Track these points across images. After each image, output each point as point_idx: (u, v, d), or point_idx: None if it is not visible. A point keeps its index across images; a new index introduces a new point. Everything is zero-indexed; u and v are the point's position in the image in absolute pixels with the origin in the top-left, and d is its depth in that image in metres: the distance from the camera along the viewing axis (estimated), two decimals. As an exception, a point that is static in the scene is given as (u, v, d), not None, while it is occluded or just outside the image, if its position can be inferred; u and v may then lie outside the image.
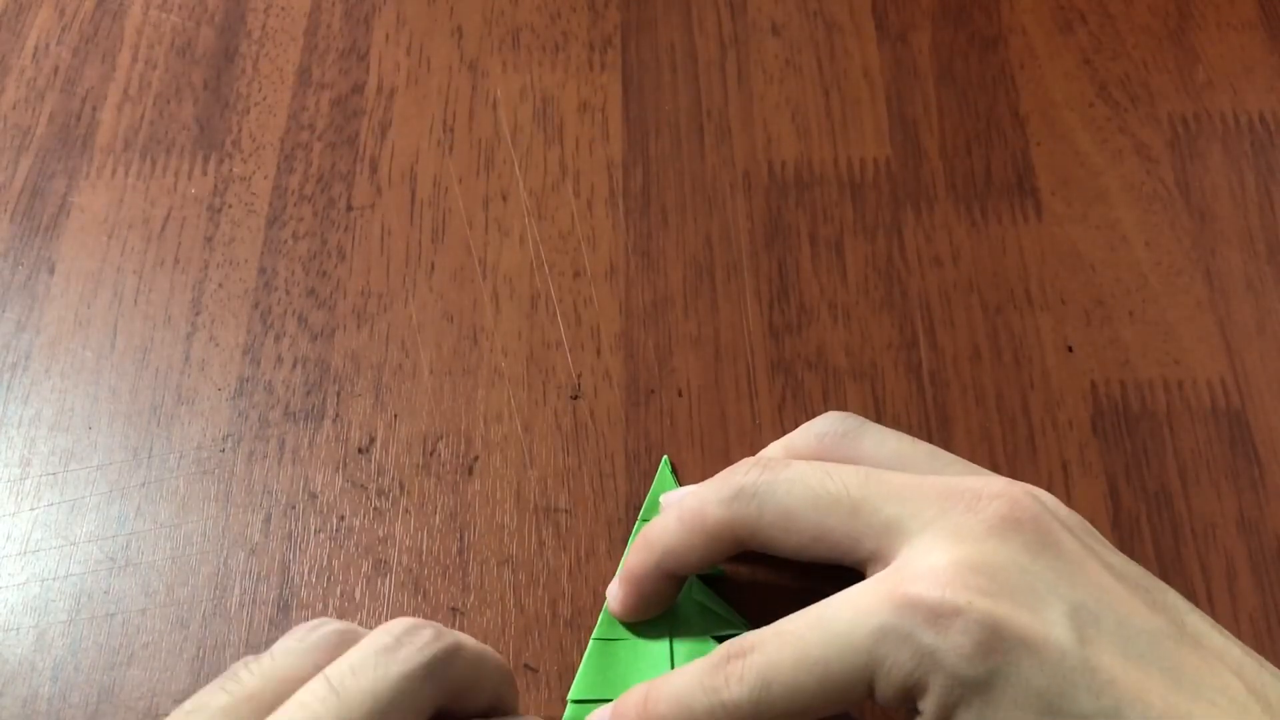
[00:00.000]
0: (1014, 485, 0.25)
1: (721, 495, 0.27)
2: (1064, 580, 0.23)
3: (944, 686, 0.23)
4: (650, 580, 0.29)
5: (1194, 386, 0.34)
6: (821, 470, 0.26)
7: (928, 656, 0.23)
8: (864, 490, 0.25)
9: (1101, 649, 0.22)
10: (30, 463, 0.34)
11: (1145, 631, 0.23)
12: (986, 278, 0.36)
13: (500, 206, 0.38)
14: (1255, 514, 0.32)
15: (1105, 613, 0.23)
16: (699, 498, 0.27)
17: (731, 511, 0.27)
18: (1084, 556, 0.24)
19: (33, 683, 0.31)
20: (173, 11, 0.43)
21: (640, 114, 0.40)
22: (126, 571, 0.33)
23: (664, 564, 0.28)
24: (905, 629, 0.23)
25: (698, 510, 0.27)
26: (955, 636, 0.22)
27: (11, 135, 0.41)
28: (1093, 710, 0.22)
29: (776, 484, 0.26)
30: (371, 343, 0.36)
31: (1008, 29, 0.41)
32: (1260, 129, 0.39)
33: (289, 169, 0.39)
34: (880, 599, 0.23)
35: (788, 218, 0.38)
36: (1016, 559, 0.23)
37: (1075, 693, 0.22)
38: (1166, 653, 0.23)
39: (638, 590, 0.29)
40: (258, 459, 0.34)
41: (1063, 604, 0.23)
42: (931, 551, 0.24)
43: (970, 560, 0.23)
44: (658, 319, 0.36)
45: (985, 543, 0.24)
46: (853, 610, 0.24)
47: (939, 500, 0.25)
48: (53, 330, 0.37)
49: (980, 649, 0.22)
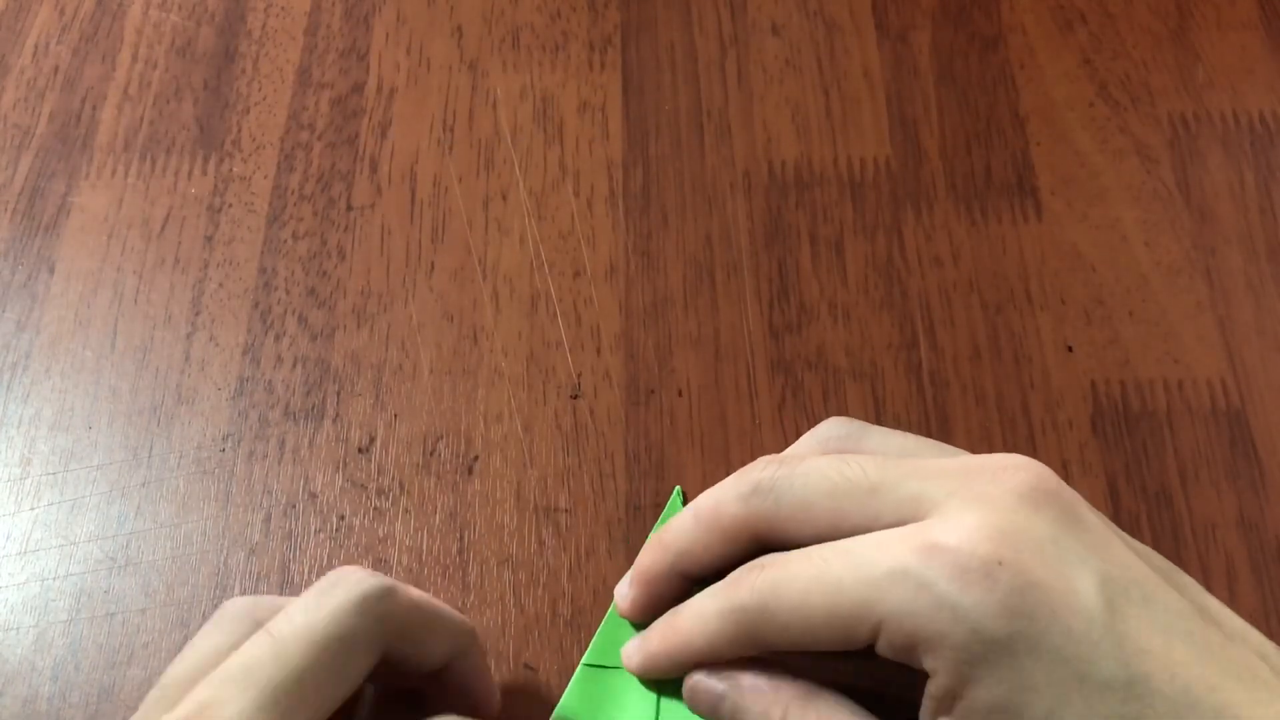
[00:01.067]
0: (1033, 460, 0.25)
1: (739, 491, 0.27)
2: (1093, 552, 0.23)
3: (962, 643, 0.22)
4: (663, 582, 0.28)
5: (1194, 386, 0.34)
6: (838, 459, 0.26)
7: (947, 609, 0.22)
8: (881, 473, 0.25)
9: (1130, 619, 0.22)
10: (30, 462, 0.34)
11: (1171, 607, 0.23)
12: (986, 277, 0.36)
13: (500, 206, 0.38)
14: (1255, 514, 0.32)
15: (1132, 586, 0.23)
16: (715, 496, 0.27)
17: (749, 508, 0.26)
18: (1108, 533, 0.24)
19: (33, 683, 0.31)
20: (173, 11, 0.43)
21: (640, 114, 0.40)
22: (126, 571, 0.33)
23: (679, 565, 0.28)
24: (927, 577, 0.22)
25: (714, 508, 0.27)
26: (981, 593, 0.22)
27: (11, 135, 0.41)
28: (1122, 678, 0.21)
29: (793, 477, 0.26)
30: (371, 343, 0.36)
31: (1008, 29, 0.41)
32: (1260, 129, 0.39)
33: (289, 169, 0.39)
34: (907, 543, 0.23)
35: (788, 218, 0.38)
36: (1047, 528, 0.23)
37: (1103, 660, 0.21)
38: (1193, 629, 0.22)
39: (649, 592, 0.28)
40: (258, 459, 0.34)
41: (1093, 575, 0.22)
42: (962, 513, 0.23)
43: (1001, 524, 0.23)
44: (658, 319, 0.36)
45: (1016, 511, 0.23)
46: (876, 548, 0.23)
47: (961, 474, 0.24)
48: (53, 330, 0.37)
49: (1007, 608, 0.22)
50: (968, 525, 0.23)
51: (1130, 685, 0.21)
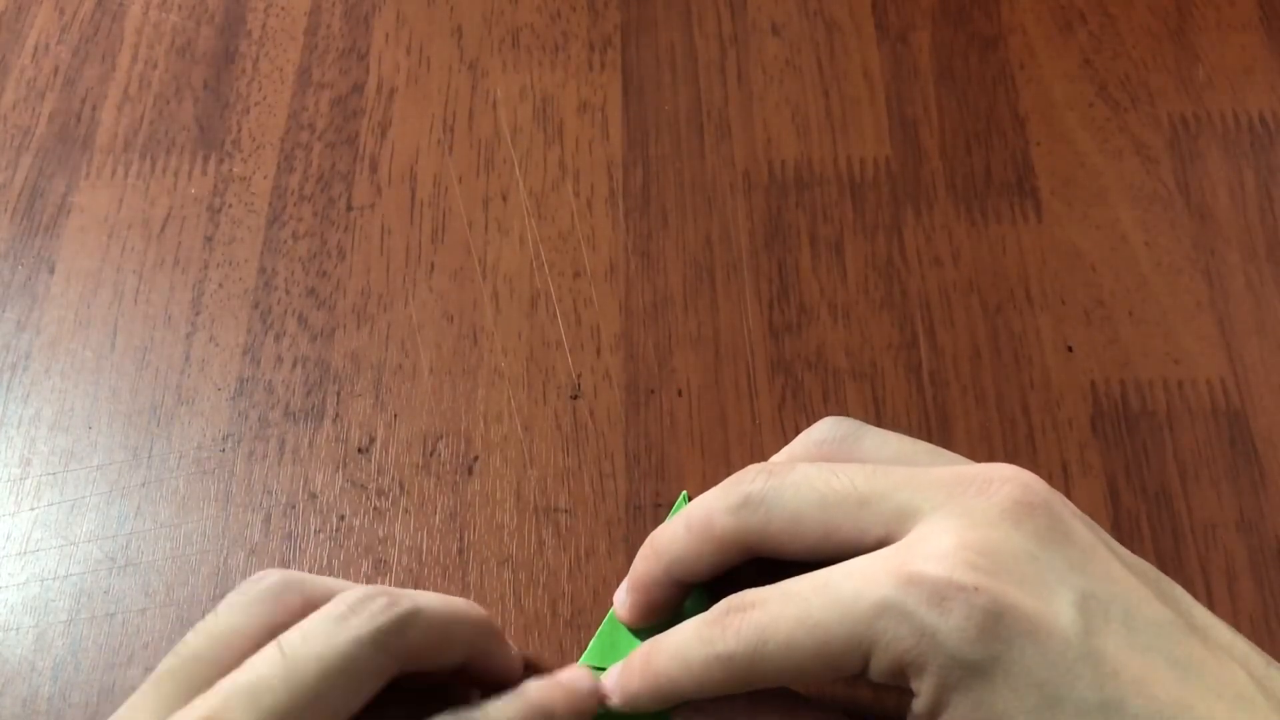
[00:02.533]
0: (1023, 471, 0.25)
1: (729, 503, 0.27)
2: (1074, 568, 0.23)
3: (942, 668, 0.22)
4: (658, 588, 0.28)
5: (1194, 386, 0.34)
6: (828, 470, 0.26)
7: (928, 636, 0.22)
8: (871, 484, 0.25)
9: (1108, 639, 0.22)
10: (30, 463, 0.34)
11: (1154, 622, 0.23)
12: (986, 278, 0.36)
13: (500, 206, 0.38)
14: (1255, 514, 0.32)
15: (1114, 603, 0.23)
16: (706, 506, 0.27)
17: (739, 520, 0.26)
18: (1094, 544, 0.24)
19: (33, 683, 0.31)
20: (173, 11, 0.43)
21: (640, 114, 0.40)
22: (126, 571, 0.33)
23: (672, 572, 0.28)
24: (907, 606, 0.23)
25: (705, 519, 0.27)
26: (957, 619, 0.22)
27: (11, 135, 0.41)
28: (1095, 701, 0.22)
29: (783, 488, 0.26)
30: (371, 343, 0.36)
31: (1008, 29, 0.41)
32: (1260, 129, 0.39)
33: (289, 169, 0.39)
34: (886, 573, 0.23)
35: (788, 218, 0.38)
36: (1027, 545, 0.23)
37: (1077, 683, 0.22)
38: (1174, 644, 0.22)
39: (645, 598, 0.29)
40: (258, 459, 0.34)
41: (1071, 592, 0.23)
42: (941, 533, 0.23)
43: (979, 543, 0.23)
44: (658, 319, 0.36)
45: (997, 527, 0.23)
46: (859, 579, 0.24)
47: (949, 485, 0.25)
48: (53, 330, 0.37)
49: (982, 633, 0.22)
50: (946, 548, 0.23)
51: (1105, 708, 0.22)
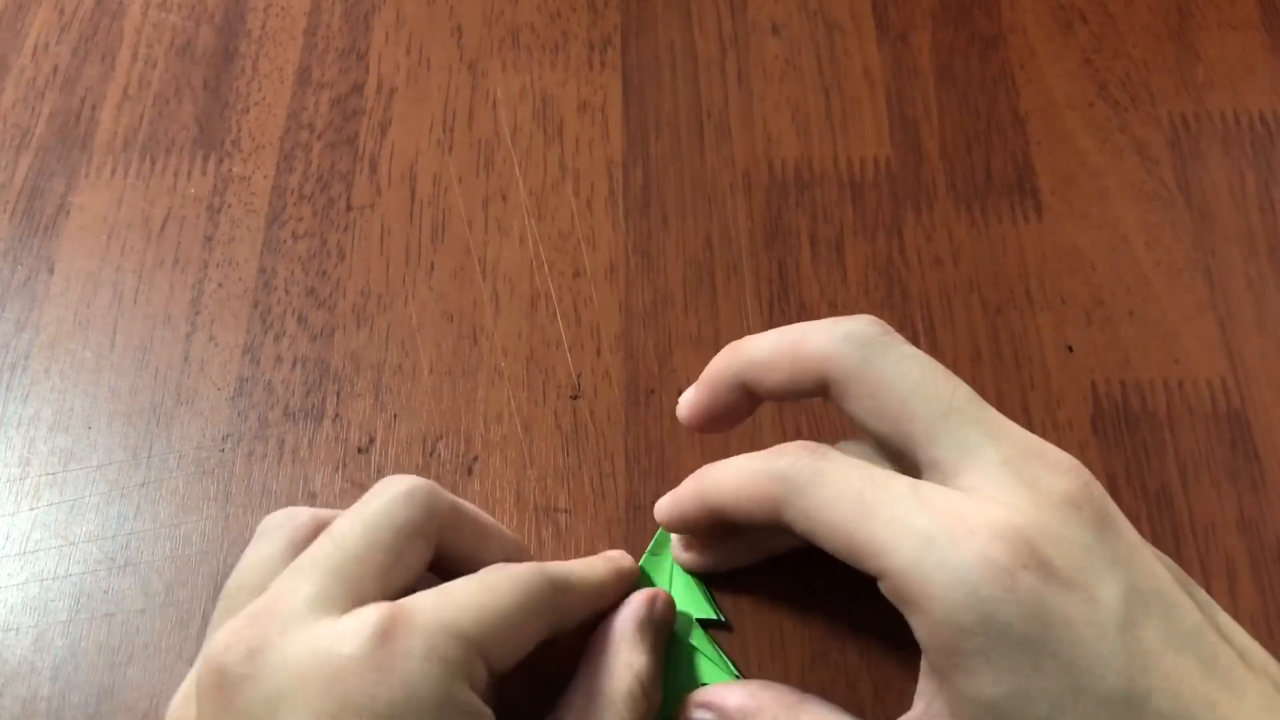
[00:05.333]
0: (1081, 464, 0.25)
1: (833, 335, 0.26)
2: (1123, 562, 0.23)
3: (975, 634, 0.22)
4: (724, 388, 0.28)
5: (1194, 386, 0.34)
6: (940, 367, 0.26)
7: (963, 591, 0.22)
8: (966, 404, 0.25)
9: (1146, 631, 0.22)
10: (30, 463, 0.34)
11: (1189, 622, 0.23)
12: (986, 277, 0.36)
13: (500, 206, 0.38)
14: (1255, 514, 0.32)
15: (1154, 598, 0.23)
16: (806, 326, 0.26)
17: (836, 350, 0.26)
18: (1140, 543, 0.24)
19: (33, 683, 0.31)
20: (172, 11, 0.43)
21: (640, 114, 0.40)
22: (126, 571, 0.33)
23: (744, 374, 0.27)
24: (952, 558, 0.22)
25: (799, 338, 0.26)
26: (1002, 590, 0.22)
27: (11, 135, 0.40)
28: (1121, 692, 0.22)
29: (890, 350, 0.25)
30: (371, 343, 0.36)
31: (1008, 29, 0.41)
32: (1260, 129, 0.39)
33: (289, 169, 0.39)
34: (946, 509, 0.23)
35: (788, 218, 0.38)
36: (1082, 535, 0.23)
37: (1108, 673, 0.22)
38: (1204, 644, 0.23)
39: (709, 395, 0.28)
40: (258, 459, 0.34)
41: (1118, 585, 0.23)
42: (1010, 496, 0.23)
43: (1042, 520, 0.23)
44: (658, 319, 0.36)
45: (1057, 509, 0.23)
46: (917, 500, 0.23)
47: (1024, 445, 0.24)
48: (52, 330, 0.37)
49: (1024, 610, 0.22)
50: (1007, 516, 0.23)
51: (1129, 700, 0.22)
